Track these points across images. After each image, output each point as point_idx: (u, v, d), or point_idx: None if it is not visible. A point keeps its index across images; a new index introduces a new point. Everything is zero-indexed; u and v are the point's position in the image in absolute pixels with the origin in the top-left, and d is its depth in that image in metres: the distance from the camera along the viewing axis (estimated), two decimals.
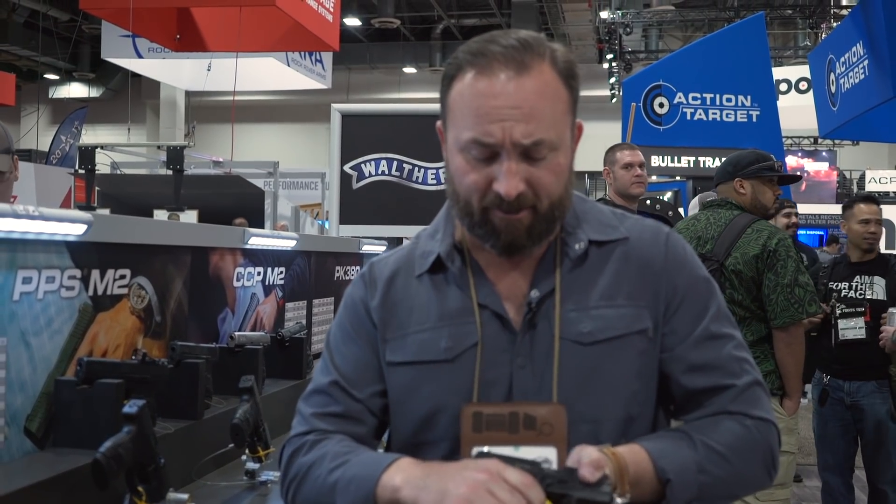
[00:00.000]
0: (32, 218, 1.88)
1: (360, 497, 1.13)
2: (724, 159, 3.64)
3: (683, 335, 1.25)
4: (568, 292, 1.23)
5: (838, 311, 4.00)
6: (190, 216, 5.99)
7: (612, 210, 1.33)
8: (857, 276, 4.11)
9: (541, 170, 1.16)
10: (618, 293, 1.23)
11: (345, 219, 4.73)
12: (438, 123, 1.27)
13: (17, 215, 1.84)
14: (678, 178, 7.82)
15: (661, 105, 7.50)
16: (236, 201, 8.02)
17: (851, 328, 3.98)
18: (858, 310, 3.98)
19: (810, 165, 19.30)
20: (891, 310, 3.88)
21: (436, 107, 1.28)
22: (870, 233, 4.09)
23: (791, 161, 17.45)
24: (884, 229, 4.92)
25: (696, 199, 5.39)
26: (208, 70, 9.87)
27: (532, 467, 1.05)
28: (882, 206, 4.62)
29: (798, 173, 10.87)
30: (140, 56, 10.32)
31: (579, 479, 1.05)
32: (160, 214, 5.93)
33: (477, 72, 1.16)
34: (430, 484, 1.06)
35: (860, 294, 4.07)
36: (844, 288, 4.10)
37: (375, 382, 1.29)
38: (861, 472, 4.32)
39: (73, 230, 2.06)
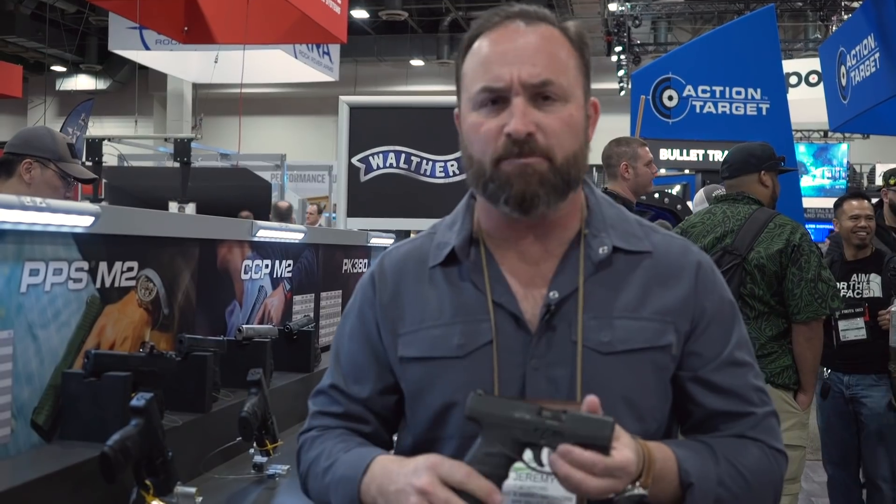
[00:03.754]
0: (40, 210, 1.87)
1: (346, 500, 1.17)
2: (729, 154, 3.57)
3: (708, 358, 1.23)
4: (590, 298, 1.19)
5: (837, 313, 4.00)
6: (189, 208, 6.03)
7: (638, 220, 1.30)
8: (854, 275, 4.13)
9: (551, 116, 1.15)
10: (643, 306, 1.20)
11: (352, 211, 4.71)
12: (455, 111, 1.26)
13: (24, 207, 1.83)
14: (687, 171, 7.78)
15: (671, 98, 7.45)
16: (243, 194, 8.03)
17: (852, 329, 4.00)
18: (857, 310, 4.00)
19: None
20: (891, 309, 3.87)
21: (444, 99, 1.28)
22: (859, 227, 4.09)
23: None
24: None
25: (702, 192, 5.34)
26: (215, 62, 9.87)
27: (528, 421, 1.03)
28: None
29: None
30: (147, 48, 10.31)
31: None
32: (175, 207, 5.98)
33: (487, 33, 1.19)
34: (388, 487, 1.10)
35: (858, 293, 4.08)
36: (843, 288, 4.10)
37: (377, 381, 1.29)
38: None
39: (81, 222, 2.05)
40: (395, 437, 1.35)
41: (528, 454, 1.04)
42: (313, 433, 1.31)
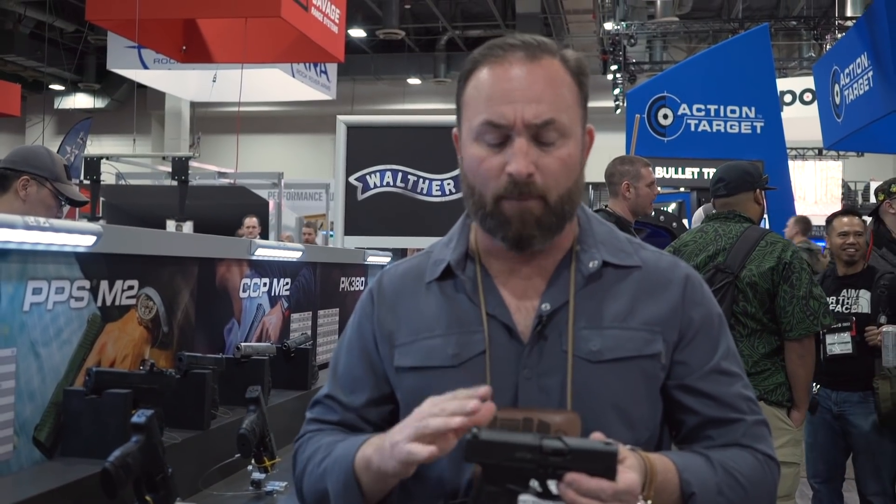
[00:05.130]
0: (42, 229, 1.90)
1: (342, 475, 1.21)
2: (723, 172, 3.58)
3: (695, 367, 1.26)
4: (580, 309, 1.23)
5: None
6: (186, 226, 6.06)
7: (628, 238, 1.33)
8: (844, 290, 4.15)
9: (550, 157, 1.18)
10: (632, 317, 1.24)
11: (350, 230, 4.75)
12: (454, 130, 1.30)
13: (27, 227, 1.86)
14: (682, 189, 7.82)
15: (666, 116, 7.51)
16: (241, 212, 8.06)
17: (839, 343, 4.02)
18: (844, 325, 4.02)
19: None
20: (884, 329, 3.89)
21: (441, 118, 1.30)
22: (848, 244, 4.12)
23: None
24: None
25: (701, 210, 5.38)
26: (213, 81, 9.91)
27: (531, 460, 1.02)
28: None
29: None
30: (146, 67, 10.35)
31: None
32: (172, 226, 6.00)
33: (491, 64, 1.21)
34: (384, 442, 1.14)
35: (846, 308, 4.10)
36: (832, 302, 4.12)
37: (372, 391, 1.33)
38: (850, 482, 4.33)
39: (83, 241, 2.07)
40: None
41: (533, 481, 1.06)
42: (307, 435, 1.36)
